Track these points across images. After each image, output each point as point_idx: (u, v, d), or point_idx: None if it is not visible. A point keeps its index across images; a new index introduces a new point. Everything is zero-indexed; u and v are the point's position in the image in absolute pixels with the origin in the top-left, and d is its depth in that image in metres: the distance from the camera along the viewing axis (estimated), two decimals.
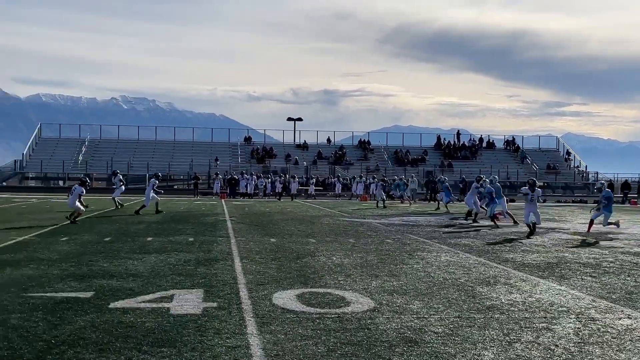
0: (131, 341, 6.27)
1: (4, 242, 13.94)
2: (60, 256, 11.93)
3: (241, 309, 7.80)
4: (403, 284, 9.75)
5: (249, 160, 59.39)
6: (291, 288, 9.23)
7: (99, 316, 7.23)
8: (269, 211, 28.17)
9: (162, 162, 56.94)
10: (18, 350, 5.88)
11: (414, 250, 14.01)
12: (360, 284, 9.71)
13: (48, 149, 58.97)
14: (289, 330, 6.83)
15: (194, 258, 12.11)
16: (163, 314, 7.45)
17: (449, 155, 62.03)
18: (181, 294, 8.60)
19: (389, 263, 11.99)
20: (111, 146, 60.92)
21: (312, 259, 12.29)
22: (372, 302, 8.32)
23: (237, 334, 6.65)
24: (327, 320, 7.27)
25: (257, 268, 11.04)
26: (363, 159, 61.00)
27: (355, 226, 20.40)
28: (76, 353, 5.85)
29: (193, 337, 6.49)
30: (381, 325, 7.15)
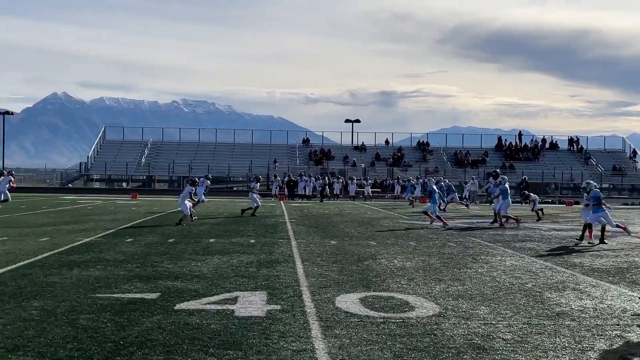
0: (198, 343, 6.30)
1: (72, 243, 14.29)
2: (126, 257, 12.15)
3: (305, 312, 7.76)
4: (468, 288, 9.57)
5: (307, 162, 59.58)
6: (354, 291, 9.15)
7: (165, 317, 7.31)
8: (327, 213, 28.15)
9: (222, 164, 57.69)
10: (88, 351, 5.98)
11: (478, 254, 13.75)
12: (423, 288, 9.57)
13: (112, 151, 60.44)
14: (353, 334, 6.76)
15: (256, 260, 12.16)
16: (228, 316, 7.48)
17: (511, 157, 60.93)
18: (245, 296, 8.63)
19: (452, 267, 11.79)
20: (173, 148, 62.05)
21: (373, 262, 12.19)
22: (437, 307, 8.18)
23: (301, 337, 6.62)
24: (391, 325, 7.17)
25: (319, 271, 11.01)
26: (422, 160, 60.46)
27: (415, 229, 20.19)
28: (144, 354, 5.91)
29: (258, 340, 6.48)
30: (447, 331, 7.01)
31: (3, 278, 9.67)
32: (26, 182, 67.04)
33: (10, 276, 9.85)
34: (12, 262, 11.21)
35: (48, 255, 12.30)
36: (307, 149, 63.24)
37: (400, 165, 58.46)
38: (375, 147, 63.39)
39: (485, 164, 58.92)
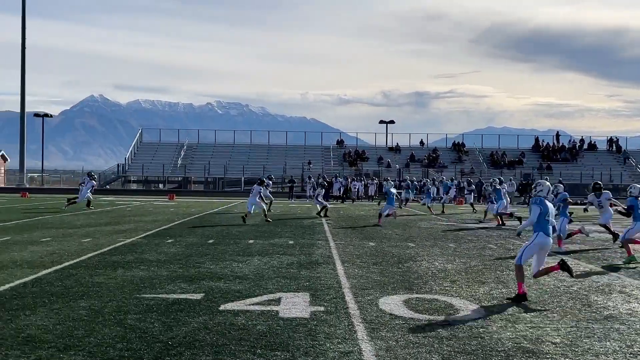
0: (245, 344, 6.33)
1: (114, 244, 14.48)
2: (168, 258, 12.27)
3: (349, 313, 7.75)
4: (512, 291, 9.45)
5: (341, 163, 59.56)
6: (396, 293, 9.11)
7: (211, 318, 7.35)
8: (363, 214, 28.10)
9: (257, 165, 57.98)
10: (137, 351, 6.04)
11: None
12: (467, 290, 9.49)
13: (149, 153, 61.15)
14: (399, 336, 6.73)
15: (296, 261, 12.19)
16: (273, 317, 7.50)
17: (548, 157, 60.09)
18: (288, 297, 8.64)
19: (494, 269, 11.68)
20: (208, 150, 62.53)
21: (414, 264, 12.13)
22: (482, 310, 8.10)
23: (347, 339, 6.61)
24: (437, 328, 7.12)
25: (360, 272, 10.98)
26: (457, 161, 60.00)
27: (453, 230, 20.04)
28: (193, 355, 5.96)
29: (305, 341, 6.49)
30: (495, 334, 6.93)
31: (49, 278, 9.84)
32: (64, 184, 68.19)
33: (57, 276, 10.02)
34: (57, 263, 11.39)
35: (92, 255, 12.47)
36: (341, 150, 63.21)
37: (435, 167, 58.10)
38: (410, 148, 63.09)
39: (522, 165, 58.24)
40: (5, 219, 21.74)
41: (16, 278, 9.74)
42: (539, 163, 58.75)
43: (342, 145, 64.87)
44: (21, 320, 7.11)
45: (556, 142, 63.89)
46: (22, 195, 43.97)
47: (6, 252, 12.70)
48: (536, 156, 61.24)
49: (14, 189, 53.93)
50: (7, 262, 11.40)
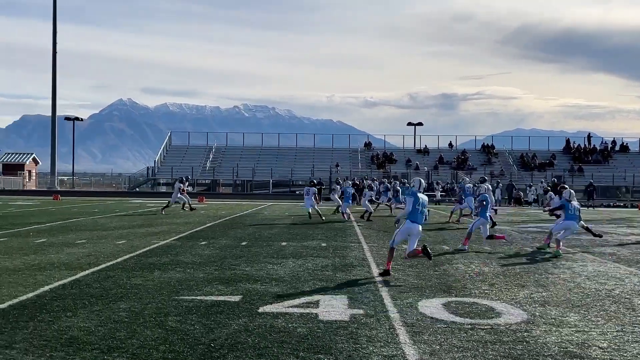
0: (287, 347, 6.29)
1: (148, 246, 14.55)
2: (203, 260, 12.28)
3: (389, 316, 7.67)
4: (553, 294, 9.30)
5: (369, 166, 59.41)
6: (435, 296, 9.01)
7: (251, 320, 7.32)
8: (395, 216, 27.90)
9: (285, 168, 58.07)
10: (180, 353, 6.03)
11: (557, 259, 13.38)
12: (506, 293, 9.35)
13: (177, 156, 61.60)
14: (442, 340, 6.64)
15: (330, 263, 12.13)
16: (312, 319, 7.45)
17: (579, 159, 59.33)
18: (326, 300, 8.59)
19: (533, 272, 11.50)
20: (236, 153, 62.80)
21: (450, 267, 12.01)
22: (524, 314, 7.97)
23: (390, 342, 6.53)
24: (480, 332, 7.01)
25: (396, 275, 10.89)
26: (487, 163, 59.49)
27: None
28: (236, 357, 5.93)
29: (347, 344, 6.43)
30: (540, 338, 6.80)
31: (88, 280, 9.90)
32: (94, 187, 68.96)
33: (94, 278, 10.07)
34: (94, 265, 11.47)
35: (127, 257, 12.54)
36: (369, 152, 63.06)
37: (464, 169, 57.69)
38: (439, 150, 62.74)
39: (552, 167, 57.57)
40: (39, 221, 22.00)
41: (55, 280, 9.82)
42: (570, 165, 58.06)
43: (370, 147, 64.71)
44: (63, 321, 7.15)
45: (587, 143, 63.08)
46: (54, 197, 44.50)
47: (43, 254, 12.82)
48: (567, 158, 60.53)
49: (46, 192, 54.65)
50: (44, 263, 11.51)
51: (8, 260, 11.83)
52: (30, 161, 72.95)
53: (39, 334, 6.58)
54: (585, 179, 52.83)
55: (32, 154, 74.88)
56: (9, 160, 72.56)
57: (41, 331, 6.71)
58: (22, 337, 6.48)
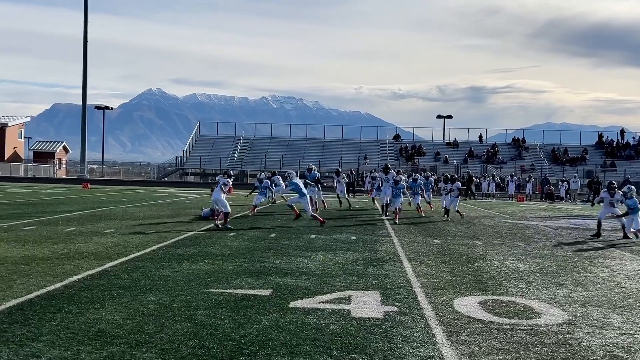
0: (319, 345, 6.07)
1: (177, 237, 14.44)
2: (232, 252, 12.11)
3: (424, 315, 7.41)
4: (593, 294, 8.97)
5: (397, 158, 59.00)
6: (470, 294, 8.73)
7: (282, 316, 7.12)
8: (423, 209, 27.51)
9: (313, 159, 57.87)
10: (210, 349, 5.84)
11: (594, 257, 13.00)
12: (545, 292, 9.03)
13: (206, 146, 61.74)
14: (481, 341, 6.37)
15: (361, 257, 11.89)
16: (345, 316, 7.22)
17: (612, 154, 58.26)
18: (358, 296, 8.35)
19: (570, 270, 11.15)
20: (264, 144, 62.79)
21: (484, 263, 11.69)
22: (565, 314, 7.66)
23: (426, 342, 6.28)
24: (520, 333, 6.73)
25: (429, 271, 10.62)
26: (517, 157, 58.71)
27: (520, 228, 19.42)
28: (267, 355, 5.72)
29: (381, 343, 6.19)
30: (583, 340, 6.51)
31: (116, 270, 9.78)
32: (123, 175, 69.45)
33: (123, 269, 9.95)
34: (122, 255, 11.36)
35: (156, 248, 12.42)
36: (397, 145, 62.60)
37: (494, 162, 56.98)
38: (468, 144, 62.08)
39: (584, 162, 56.61)
40: (69, 209, 22.06)
41: (83, 270, 9.71)
42: (603, 160, 57.05)
43: (399, 140, 64.24)
44: (91, 313, 7.01)
45: (621, 138, 61.95)
46: (84, 186, 44.84)
47: (72, 243, 12.76)
48: (599, 153, 59.49)
49: (75, 180, 55.14)
50: (73, 253, 11.43)
51: (37, 249, 11.78)
52: (61, 149, 73.69)
53: (66, 326, 6.45)
54: (618, 175, 51.88)
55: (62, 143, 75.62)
56: (40, 148, 73.34)
57: (68, 323, 6.57)
58: (49, 329, 6.35)
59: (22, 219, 17.66)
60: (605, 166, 55.29)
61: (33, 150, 72.72)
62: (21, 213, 19.81)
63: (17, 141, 70.75)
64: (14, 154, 68.37)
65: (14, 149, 68.66)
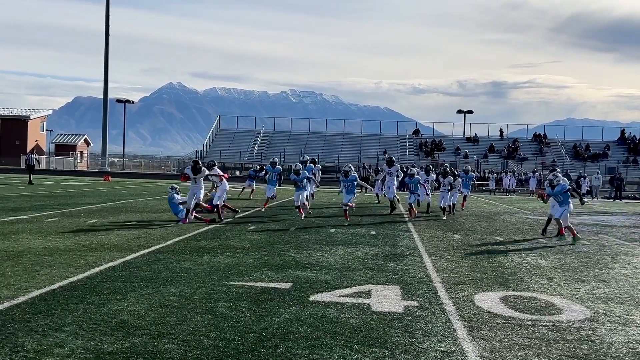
0: (340, 338, 6.07)
1: (197, 229, 14.52)
2: (252, 245, 12.15)
3: (444, 309, 7.39)
4: (616, 291, 8.89)
5: (417, 153, 58.82)
6: (491, 290, 8.69)
7: (302, 309, 7.13)
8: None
9: (332, 153, 57.87)
10: (232, 341, 5.86)
11: (616, 254, 12.89)
12: (566, 288, 8.97)
13: (226, 140, 61.98)
14: (502, 337, 6.34)
15: (381, 252, 11.88)
16: (365, 310, 7.22)
17: (634, 150, 57.63)
18: (378, 290, 8.35)
19: (592, 267, 11.06)
20: (284, 138, 62.88)
21: (505, 259, 11.63)
22: (587, 311, 7.60)
23: (447, 337, 6.26)
24: (541, 329, 6.69)
25: (449, 266, 10.58)
26: (538, 153, 58.27)
27: (540, 224, 19.26)
28: (288, 347, 5.74)
29: (402, 338, 6.18)
30: (606, 337, 6.45)
31: (138, 262, 9.85)
32: (144, 169, 69.88)
33: (144, 261, 10.02)
34: (143, 247, 11.44)
35: (177, 240, 12.50)
36: (417, 140, 62.40)
37: (515, 158, 56.61)
38: (489, 139, 61.71)
39: (606, 158, 56.07)
40: (90, 202, 22.26)
41: (105, 261, 9.79)
42: (625, 156, 56.46)
43: (419, 134, 64.01)
44: (113, 305, 7.07)
45: None
46: (105, 178, 45.19)
47: (94, 236, 12.87)
48: (621, 149, 58.87)
49: (97, 173, 55.61)
50: (95, 245, 11.53)
51: (59, 241, 11.90)
52: (82, 142, 74.32)
53: (88, 317, 6.51)
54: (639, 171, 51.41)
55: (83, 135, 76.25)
56: (62, 141, 74.01)
57: (91, 314, 6.63)
58: (71, 319, 6.41)
59: (44, 211, 17.84)
60: (628, 162, 54.73)
61: (55, 143, 73.42)
62: (43, 205, 20.01)
63: (39, 134, 71.46)
64: (36, 147, 69.09)
65: (36, 142, 69.35)
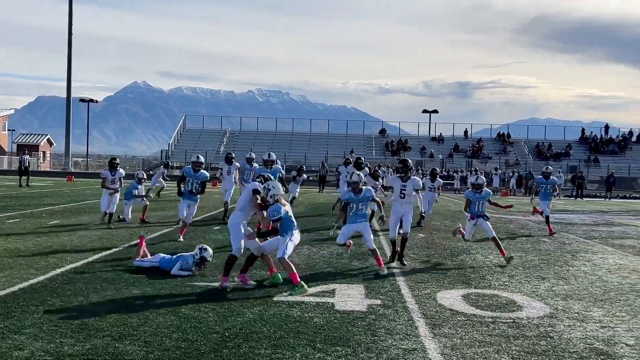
0: (303, 337, 6.10)
1: (162, 230, 14.42)
2: (217, 245, 12.08)
3: (407, 308, 7.47)
4: (575, 288, 9.06)
5: (383, 153, 59.09)
6: (454, 288, 8.80)
7: (265, 309, 7.14)
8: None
9: (299, 153, 57.86)
10: (194, 342, 5.85)
11: (576, 251, 13.12)
12: (527, 286, 9.12)
13: (192, 140, 61.53)
14: (463, 334, 6.43)
15: (345, 251, 11.91)
16: (329, 309, 7.26)
17: (595, 150, 58.67)
18: (342, 289, 8.40)
19: (552, 264, 11.26)
20: (250, 137, 62.62)
21: (467, 257, 11.79)
22: (547, 307, 7.74)
23: (409, 335, 6.33)
24: (502, 325, 6.80)
25: (413, 264, 10.68)
26: (502, 152, 58.97)
27: (503, 223, 19.54)
28: (251, 347, 5.75)
29: (365, 336, 6.23)
30: (564, 333, 6.58)
31: (100, 264, 9.74)
32: None
33: (107, 262, 9.92)
34: (106, 248, 11.33)
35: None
36: (383, 139, 62.68)
37: (479, 157, 57.23)
38: (454, 139, 62.24)
39: (568, 157, 56.99)
40: (53, 202, 21.94)
41: (67, 263, 9.68)
42: (587, 155, 57.46)
43: (385, 134, 64.32)
44: (74, 306, 7.00)
45: (605, 134, 62.38)
46: (68, 179, 44.55)
47: (56, 237, 12.70)
48: (583, 148, 59.89)
49: (60, 173, 54.79)
50: (57, 246, 11.38)
51: (20, 242, 11.72)
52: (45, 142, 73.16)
53: (49, 319, 6.43)
54: (601, 170, 52.34)
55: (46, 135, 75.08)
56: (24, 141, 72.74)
57: (51, 316, 6.56)
58: (31, 321, 6.33)
59: (5, 212, 17.54)
60: (589, 161, 55.69)
61: (17, 142, 72.14)
62: (5, 206, 19.66)
63: (1, 134, 70.16)
64: None
65: None
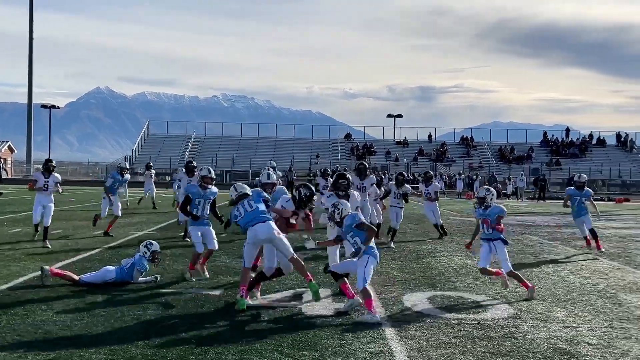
0: (271, 342, 6.11)
1: (127, 237, 14.32)
2: (182, 252, 12.00)
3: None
4: (538, 289, 9.18)
5: (349, 157, 59.29)
6: (420, 290, 8.88)
7: (233, 315, 7.13)
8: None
9: (264, 158, 57.73)
10: (160, 349, 5.81)
11: (539, 253, 13.33)
12: (491, 287, 9.24)
13: (156, 145, 61.03)
14: (429, 336, 6.49)
15: (312, 255, 11.97)
16: (296, 314, 7.28)
17: (557, 152, 59.68)
18: (310, 294, 8.38)
19: (516, 266, 11.39)
20: (215, 143, 62.35)
21: (433, 260, 11.89)
22: (511, 309, 7.86)
23: (376, 338, 6.38)
24: (467, 327, 6.88)
25: (379, 268, 10.63)
26: (465, 155, 59.63)
27: (467, 225, 19.76)
28: (218, 354, 5.73)
29: (332, 340, 6.26)
30: (528, 334, 6.69)
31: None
32: (71, 175, 68.07)
33: (71, 270, 9.75)
34: (70, 256, 11.19)
35: (105, 248, 12.27)
36: (348, 144, 62.91)
37: (443, 161, 57.78)
38: (418, 143, 62.76)
39: (530, 160, 57.87)
40: (14, 210, 21.56)
41: (29, 271, 9.52)
42: (548, 158, 58.40)
43: (350, 139, 64.57)
44: (38, 315, 6.90)
45: (566, 137, 63.47)
46: (29, 186, 43.77)
47: (18, 245, 12.51)
48: (545, 151, 60.86)
49: (21, 180, 53.84)
50: (19, 254, 11.20)
51: None
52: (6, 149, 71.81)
53: (12, 329, 6.33)
54: (563, 172, 53.27)
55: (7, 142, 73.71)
56: None
57: (14, 325, 6.46)
58: None
59: None
60: (551, 164, 56.61)
61: None
62: None
63: None
64: None
65: None
